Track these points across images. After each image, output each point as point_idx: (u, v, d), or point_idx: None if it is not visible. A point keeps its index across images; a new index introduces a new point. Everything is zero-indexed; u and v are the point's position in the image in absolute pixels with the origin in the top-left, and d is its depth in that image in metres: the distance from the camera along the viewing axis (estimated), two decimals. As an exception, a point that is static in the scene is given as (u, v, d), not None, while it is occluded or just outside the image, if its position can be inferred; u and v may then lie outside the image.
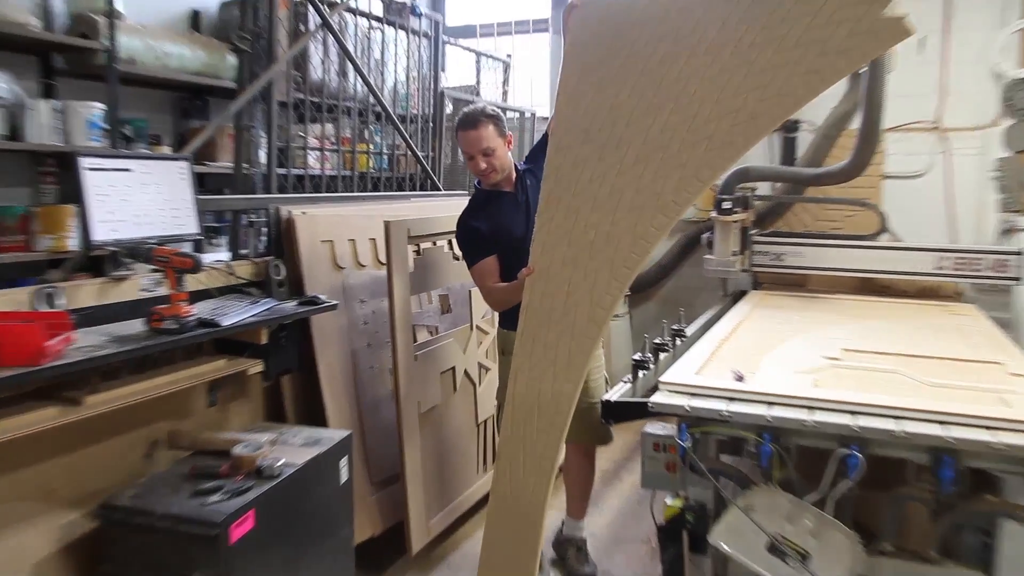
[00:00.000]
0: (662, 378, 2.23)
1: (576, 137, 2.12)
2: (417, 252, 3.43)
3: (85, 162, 2.23)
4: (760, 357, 2.50)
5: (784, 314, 3.28)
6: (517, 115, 6.06)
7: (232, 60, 3.79)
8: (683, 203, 1.94)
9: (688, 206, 1.98)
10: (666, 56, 1.99)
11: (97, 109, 3.17)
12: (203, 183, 3.75)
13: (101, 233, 2.25)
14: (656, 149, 1.98)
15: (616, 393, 2.32)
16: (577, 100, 2.15)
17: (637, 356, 2.52)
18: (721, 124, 1.88)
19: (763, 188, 4.50)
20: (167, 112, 4.00)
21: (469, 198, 2.86)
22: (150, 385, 2.27)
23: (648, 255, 2.02)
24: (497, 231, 2.68)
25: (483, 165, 2.64)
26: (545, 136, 2.51)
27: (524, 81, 6.83)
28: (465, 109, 2.71)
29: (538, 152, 2.72)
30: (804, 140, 4.59)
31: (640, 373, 2.49)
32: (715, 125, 1.89)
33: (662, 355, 2.67)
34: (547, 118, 6.37)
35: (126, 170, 2.36)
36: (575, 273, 2.09)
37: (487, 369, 3.60)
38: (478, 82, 5.75)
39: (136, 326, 2.28)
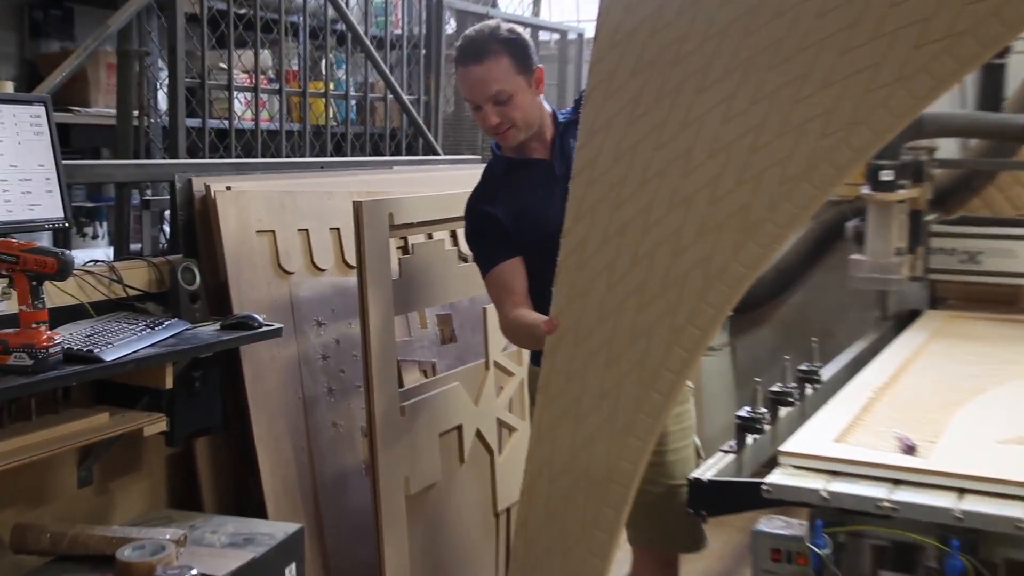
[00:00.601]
0: (784, 447, 2.24)
1: (628, 79, 2.19)
2: (404, 249, 3.38)
3: None
4: (943, 416, 2.49)
5: (980, 348, 3.26)
6: (555, 37, 6.05)
7: (113, -55, 3.78)
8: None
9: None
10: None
11: None
12: (68, 140, 3.75)
13: (-90, 218, 2.21)
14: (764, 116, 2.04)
15: (711, 469, 2.34)
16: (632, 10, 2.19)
17: (744, 411, 2.54)
18: (852, 87, 1.92)
19: (947, 148, 4.38)
20: (7, 27, 4.01)
21: (483, 170, 2.83)
22: (-11, 453, 2.24)
23: (760, 268, 2.07)
24: (521, 219, 2.65)
25: (494, 119, 2.60)
26: None
27: (566, -16, 6.82)
28: (467, 31, 2.67)
29: None
30: (1019, 69, 4.44)
31: (749, 438, 2.50)
32: (840, 89, 1.93)
33: (783, 410, 2.69)
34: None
35: (-53, 120, 2.33)
36: (645, 286, 2.13)
37: (512, 429, 3.56)
38: (495, -15, 5.74)
39: (-32, 362, 2.25)
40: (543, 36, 5.85)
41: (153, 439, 2.65)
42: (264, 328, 2.79)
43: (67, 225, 2.58)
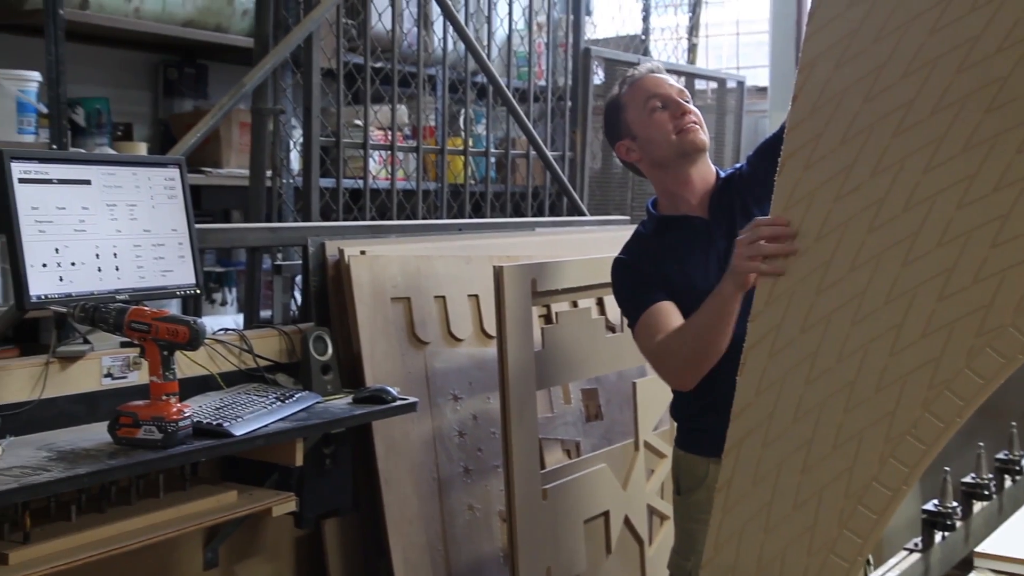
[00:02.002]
0: (980, 547, 2.20)
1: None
2: (547, 319, 3.40)
3: (15, 168, 2.34)
4: None
5: None
6: (712, 86, 6.06)
7: (246, 2, 3.97)
8: None
9: None
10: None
11: (30, 82, 3.38)
12: (199, 202, 3.92)
13: (41, 284, 2.33)
14: None
15: (893, 570, 2.26)
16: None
17: (931, 505, 2.43)
18: None
19: None
20: (141, 86, 4.24)
21: (634, 231, 2.82)
22: (114, 532, 2.31)
23: (1000, 379, 1.94)
24: (670, 278, 2.62)
25: (686, 112, 2.62)
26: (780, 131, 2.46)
27: (727, 29, 6.85)
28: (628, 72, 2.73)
29: (766, 153, 2.65)
30: None
31: (938, 536, 2.40)
32: None
33: (978, 505, 2.58)
34: (767, 89, 6.34)
35: (81, 181, 2.47)
36: (855, 386, 2.02)
37: (664, 517, 3.53)
38: (646, 32, 5.79)
39: (95, 435, 2.34)
40: (699, 85, 5.87)
41: (281, 519, 2.70)
42: (398, 402, 2.82)
43: (199, 292, 2.69)
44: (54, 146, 3.09)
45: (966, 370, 1.88)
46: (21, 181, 2.35)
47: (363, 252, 3.16)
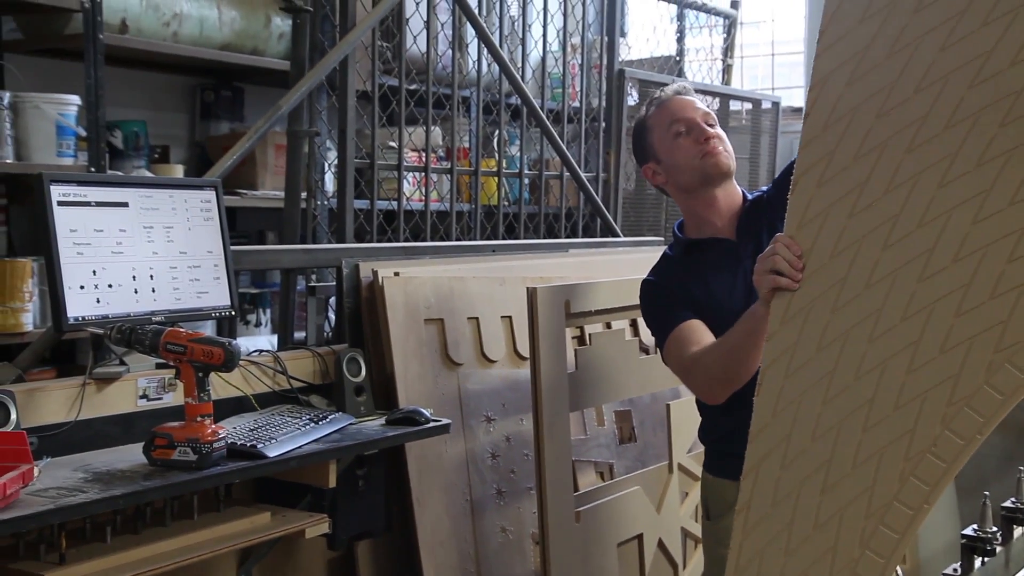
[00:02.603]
0: (1021, 573, 2.17)
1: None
2: (581, 340, 3.40)
3: (55, 191, 2.37)
4: None
5: None
6: (747, 107, 6.05)
7: (282, 25, 4.01)
8: None
9: None
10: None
11: (70, 106, 3.42)
12: (234, 223, 3.95)
13: (79, 306, 2.36)
14: None
15: None
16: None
17: (971, 530, 2.40)
18: None
19: None
20: (179, 109, 4.29)
21: (662, 254, 2.82)
22: (149, 553, 2.32)
23: (1021, 395, 1.91)
24: (698, 298, 2.60)
25: (709, 137, 2.59)
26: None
27: (762, 49, 6.83)
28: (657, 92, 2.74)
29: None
30: None
31: (978, 561, 2.36)
32: None
33: (1019, 530, 2.53)
34: (802, 109, 6.33)
35: (119, 204, 2.50)
36: (874, 404, 2.00)
37: (699, 541, 3.50)
38: (681, 53, 5.80)
39: (131, 455, 2.36)
40: (734, 106, 5.86)
41: (314, 541, 2.71)
42: (431, 424, 2.83)
43: (233, 314, 2.71)
44: (92, 169, 3.14)
45: (985, 386, 1.87)
46: (60, 204, 2.38)
47: (397, 273, 3.17)
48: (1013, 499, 2.63)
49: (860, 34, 2.04)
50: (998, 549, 2.42)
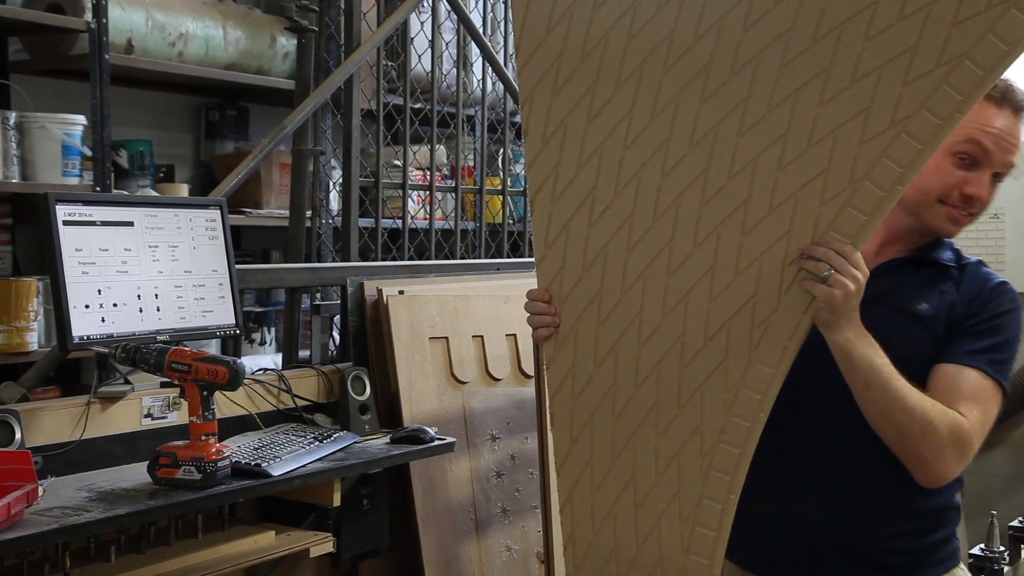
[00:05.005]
0: None
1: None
2: (585, 357, 3.42)
3: (60, 211, 2.36)
4: None
5: None
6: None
7: (287, 44, 4.02)
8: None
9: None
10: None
11: (76, 125, 3.43)
12: (239, 242, 3.96)
13: (83, 325, 2.35)
14: None
15: None
16: None
17: (978, 549, 2.44)
18: None
19: None
20: (184, 128, 4.30)
21: None
22: (153, 573, 2.32)
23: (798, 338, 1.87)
24: None
25: (983, 192, 2.04)
26: None
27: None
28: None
29: None
30: None
31: None
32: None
33: None
34: None
35: (124, 223, 2.50)
36: (660, 407, 2.00)
37: (703, 559, 3.49)
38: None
39: (135, 475, 2.35)
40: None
41: (319, 560, 2.69)
42: (436, 442, 2.81)
43: (238, 332, 2.71)
44: (98, 188, 3.14)
45: (755, 363, 1.87)
46: (65, 223, 2.37)
47: (401, 292, 3.17)
48: (1020, 518, 2.63)
49: (552, 41, 2.01)
50: (1006, 569, 2.42)
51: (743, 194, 1.85)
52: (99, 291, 2.40)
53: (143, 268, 2.50)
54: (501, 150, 4.46)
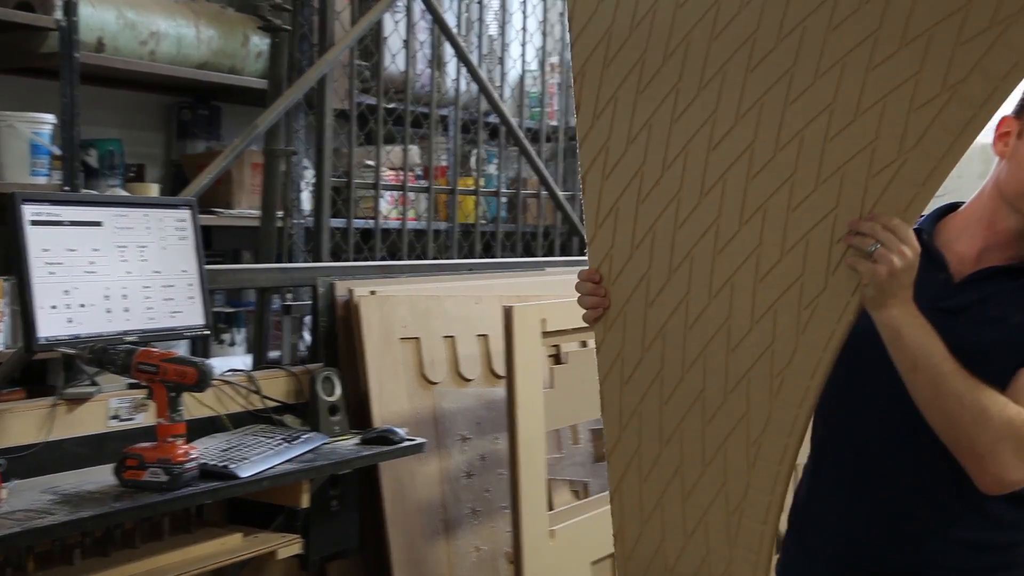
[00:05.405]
0: None
1: None
2: (557, 358, 3.40)
3: (27, 210, 2.35)
4: None
5: None
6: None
7: (260, 44, 4.00)
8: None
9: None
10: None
11: (44, 124, 3.39)
12: (209, 243, 3.93)
13: (50, 326, 2.34)
14: None
15: None
16: None
17: None
18: None
19: None
20: (155, 127, 4.26)
21: None
22: (119, 575, 2.31)
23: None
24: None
25: None
26: None
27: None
28: None
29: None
30: None
31: None
32: None
33: None
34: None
35: (92, 223, 2.48)
36: (706, 395, 1.92)
37: (673, 559, 3.50)
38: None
39: (101, 477, 2.33)
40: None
41: (287, 562, 2.68)
42: (406, 443, 2.81)
43: (207, 333, 2.70)
44: (67, 188, 3.12)
45: (803, 347, 1.80)
46: (33, 223, 2.35)
47: (373, 292, 3.17)
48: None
49: (604, 10, 1.95)
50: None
51: (790, 168, 1.78)
52: (66, 291, 2.39)
53: (111, 268, 2.49)
54: (474, 150, 4.46)
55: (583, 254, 4.72)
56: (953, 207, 1.98)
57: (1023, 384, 1.74)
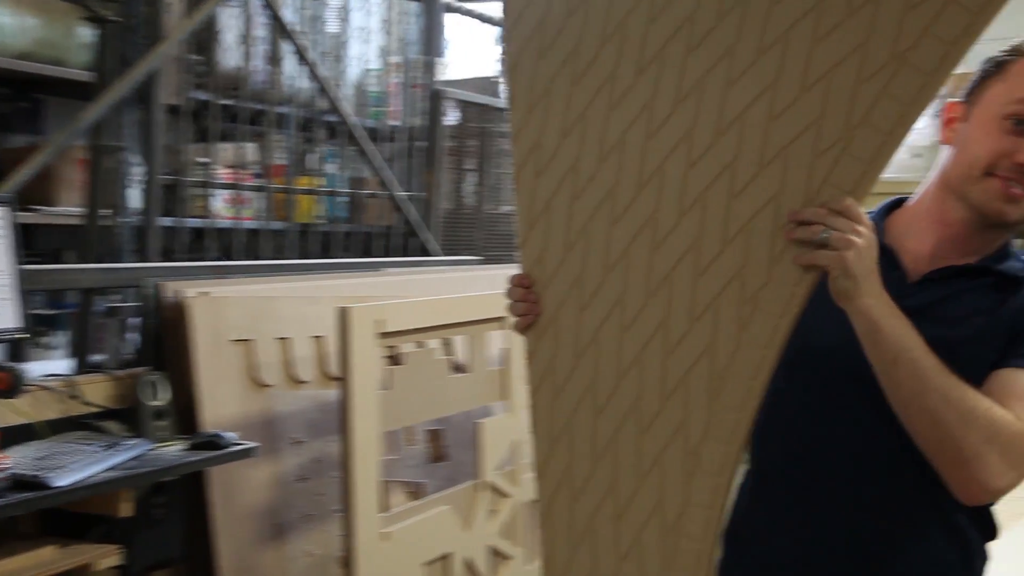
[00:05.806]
0: None
1: None
2: (393, 360, 3.40)
3: None
4: None
5: None
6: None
7: (87, 34, 3.88)
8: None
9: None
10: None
11: None
12: (30, 242, 3.79)
13: None
14: None
15: None
16: None
17: None
18: None
19: None
20: (-30, 122, 4.09)
21: None
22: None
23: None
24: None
25: None
26: None
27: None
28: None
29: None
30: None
31: None
32: None
33: None
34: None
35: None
36: (641, 404, 1.81)
37: (507, 557, 3.53)
38: (501, 74, 5.85)
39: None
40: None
41: (105, 573, 2.61)
42: (235, 447, 2.78)
43: (23, 335, 2.60)
44: None
45: (745, 345, 1.70)
46: None
47: (205, 293, 3.10)
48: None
49: (537, 1, 1.89)
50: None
51: (731, 153, 1.68)
52: None
53: (-82, 269, 2.39)
54: (311, 151, 4.42)
55: (425, 254, 4.74)
56: (899, 202, 1.93)
57: (1000, 386, 1.67)
